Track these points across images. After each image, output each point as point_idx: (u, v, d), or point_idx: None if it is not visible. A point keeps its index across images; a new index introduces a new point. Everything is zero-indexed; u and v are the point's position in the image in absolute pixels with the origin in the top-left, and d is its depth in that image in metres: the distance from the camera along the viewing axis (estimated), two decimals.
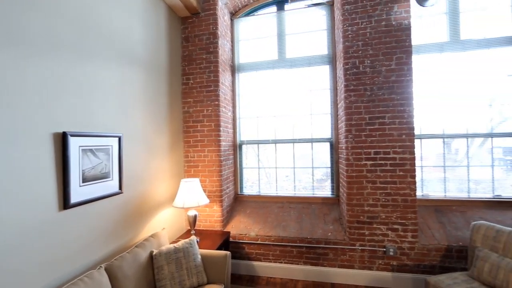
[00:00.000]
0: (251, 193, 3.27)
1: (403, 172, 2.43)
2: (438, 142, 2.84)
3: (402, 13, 2.44)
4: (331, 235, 2.61)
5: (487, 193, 2.76)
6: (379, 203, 2.48)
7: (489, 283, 1.85)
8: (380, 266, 2.50)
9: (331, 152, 3.06)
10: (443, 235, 2.46)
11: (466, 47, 2.78)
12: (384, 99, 2.46)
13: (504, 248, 1.91)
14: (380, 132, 2.47)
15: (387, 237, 2.47)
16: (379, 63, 2.49)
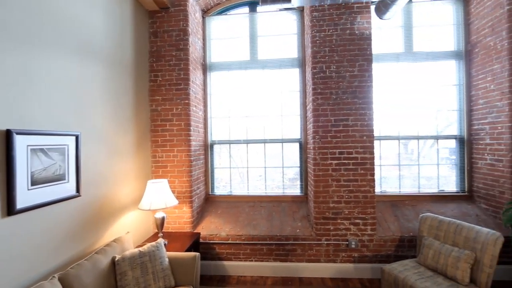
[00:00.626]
0: (223, 193, 3.25)
1: (364, 170, 2.63)
2: (395, 143, 3.12)
3: (364, 23, 2.64)
4: (300, 231, 2.72)
5: (433, 188, 3.12)
6: (342, 200, 2.65)
7: (432, 268, 2.10)
8: (343, 259, 2.67)
9: (300, 152, 3.18)
10: (397, 227, 2.71)
11: (418, 59, 3.10)
12: (348, 102, 2.64)
13: (444, 236, 2.18)
14: (344, 133, 2.64)
15: (350, 231, 2.65)
16: (343, 69, 2.65)
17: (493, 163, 2.73)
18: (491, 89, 2.74)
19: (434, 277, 2.00)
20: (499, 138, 2.66)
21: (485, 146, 2.83)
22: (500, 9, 2.62)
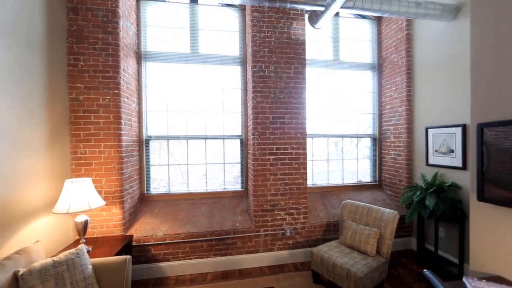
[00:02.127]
0: (160, 192, 3.07)
1: (297, 164, 2.88)
2: (324, 141, 3.52)
3: (299, 30, 2.88)
4: (239, 225, 2.80)
5: (354, 179, 3.65)
6: (279, 192, 2.84)
7: (350, 245, 2.47)
8: (280, 247, 2.87)
9: (241, 148, 3.26)
10: (325, 214, 3.07)
11: (343, 67, 3.55)
12: (285, 102, 2.84)
13: (359, 218, 2.59)
14: (281, 130, 2.83)
15: (285, 221, 2.87)
16: (281, 70, 2.84)
17: (395, 157, 3.36)
18: (394, 97, 3.37)
19: (351, 253, 2.36)
20: (399, 137, 3.30)
21: (390, 143, 3.46)
22: (401, 32, 3.24)
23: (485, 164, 1.54)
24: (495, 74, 1.56)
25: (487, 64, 1.61)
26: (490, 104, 1.58)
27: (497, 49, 1.55)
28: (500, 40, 1.53)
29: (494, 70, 1.56)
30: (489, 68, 1.59)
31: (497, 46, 1.55)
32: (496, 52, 1.55)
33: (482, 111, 1.63)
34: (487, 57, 1.61)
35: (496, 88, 1.55)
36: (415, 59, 3.12)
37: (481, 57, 1.64)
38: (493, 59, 1.57)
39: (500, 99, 1.53)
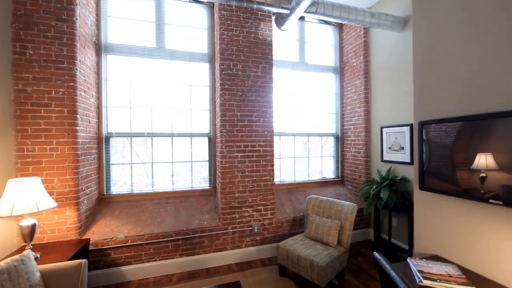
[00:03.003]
0: (122, 192, 2.90)
1: (265, 162, 2.94)
2: (291, 139, 3.65)
3: (266, 30, 2.96)
4: (207, 223, 2.77)
5: (319, 176, 3.83)
6: (247, 189, 2.88)
7: (314, 238, 2.59)
8: (248, 243, 2.90)
9: (209, 146, 3.23)
10: (292, 209, 3.18)
11: (309, 69, 3.73)
12: (252, 100, 2.89)
13: (323, 211, 2.74)
14: (249, 128, 2.88)
15: (253, 217, 2.91)
16: (249, 68, 2.89)
17: (355, 154, 3.62)
18: (354, 98, 3.63)
19: (315, 245, 2.48)
20: (359, 136, 3.56)
21: (350, 141, 3.71)
22: (359, 39, 3.51)
23: (425, 157, 1.75)
24: (433, 78, 1.78)
25: (426, 70, 1.83)
26: (429, 105, 1.80)
27: (434, 56, 1.77)
28: (436, 49, 1.75)
29: (431, 75, 1.78)
30: (428, 73, 1.81)
31: (433, 54, 1.77)
32: (433, 59, 1.77)
33: (423, 111, 1.85)
34: (426, 64, 1.83)
35: (434, 91, 1.77)
36: (372, 64, 3.40)
37: (421, 64, 1.86)
38: (431, 66, 1.79)
39: (436, 100, 1.75)
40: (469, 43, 1.53)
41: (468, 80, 1.54)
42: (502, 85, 1.36)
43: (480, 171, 1.38)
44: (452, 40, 1.64)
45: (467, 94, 1.54)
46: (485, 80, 1.44)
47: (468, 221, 1.53)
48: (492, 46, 1.41)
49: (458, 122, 1.51)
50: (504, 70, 1.35)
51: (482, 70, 1.46)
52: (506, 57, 1.34)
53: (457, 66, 1.61)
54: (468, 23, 1.54)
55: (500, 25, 1.37)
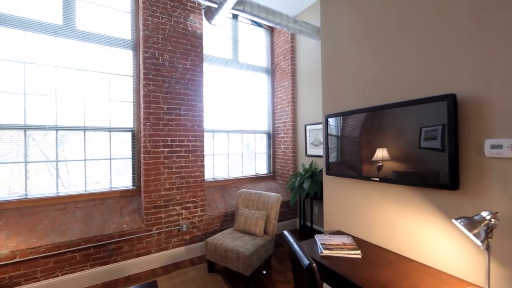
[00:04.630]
0: (11, 198, 2.34)
1: (194, 157, 2.85)
2: (224, 136, 3.65)
3: (196, 23, 2.89)
4: (127, 226, 2.49)
5: (252, 172, 3.94)
6: (174, 187, 2.72)
7: (243, 230, 2.64)
8: (175, 244, 2.74)
9: (133, 142, 2.94)
10: (224, 205, 3.17)
11: (242, 68, 3.81)
12: (181, 93, 2.77)
13: (252, 204, 2.82)
14: (177, 122, 2.74)
15: (181, 215, 2.77)
16: (177, 60, 2.76)
17: (284, 150, 3.88)
18: (283, 98, 3.89)
19: (243, 237, 2.52)
20: (287, 133, 3.83)
21: (280, 138, 3.96)
22: (287, 44, 3.80)
23: (329, 147, 2.00)
24: (335, 81, 2.05)
25: (330, 74, 2.09)
26: (333, 102, 2.07)
27: (336, 63, 2.04)
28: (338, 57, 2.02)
29: (334, 78, 2.05)
30: (332, 77, 2.08)
31: (336, 61, 2.04)
32: (336, 65, 2.04)
33: (328, 107, 2.11)
34: (330, 69, 2.09)
35: (336, 91, 2.04)
36: (298, 67, 3.73)
37: (327, 69, 2.12)
38: (334, 71, 2.06)
39: (338, 99, 2.02)
40: (363, 53, 1.82)
41: (361, 83, 1.83)
42: (386, 88, 1.67)
43: (378, 161, 1.63)
44: (350, 50, 1.92)
45: (361, 94, 1.83)
46: (375, 83, 1.74)
47: (360, 198, 1.81)
48: (379, 57, 1.72)
49: (354, 114, 1.78)
50: (387, 77, 1.66)
51: (372, 75, 1.76)
52: (391, 66, 1.65)
53: (353, 72, 1.89)
54: (362, 37, 1.83)
55: (388, 39, 1.68)
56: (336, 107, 2.04)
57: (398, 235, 1.55)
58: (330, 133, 2.01)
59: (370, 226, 1.73)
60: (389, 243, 1.61)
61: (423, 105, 1.34)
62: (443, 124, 1.24)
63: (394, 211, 1.57)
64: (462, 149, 1.24)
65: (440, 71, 1.34)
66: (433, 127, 1.29)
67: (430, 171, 1.31)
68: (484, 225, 1.01)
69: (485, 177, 1.16)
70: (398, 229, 1.55)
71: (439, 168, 1.27)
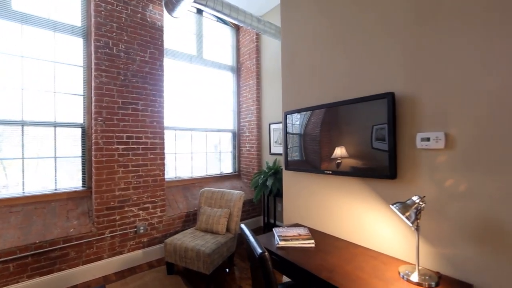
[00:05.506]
0: None
1: (153, 155, 2.71)
2: (188, 134, 3.54)
3: (156, 14, 2.76)
4: (74, 230, 2.26)
5: (217, 171, 3.89)
6: (131, 186, 2.56)
7: (205, 229, 2.58)
8: (132, 247, 2.57)
9: (84, 139, 2.68)
10: (185, 205, 3.07)
11: (207, 65, 3.75)
12: (138, 86, 2.61)
13: (214, 202, 2.78)
14: (133, 117, 2.58)
15: (139, 217, 2.61)
16: (134, 51, 2.60)
17: (249, 149, 3.91)
18: (248, 97, 3.92)
19: (204, 236, 2.47)
20: (252, 132, 3.86)
21: (245, 137, 3.98)
22: (252, 43, 3.84)
23: (288, 143, 2.07)
24: (293, 81, 2.12)
25: (289, 74, 2.17)
26: (290, 100, 2.14)
27: (294, 64, 2.12)
28: (295, 59, 2.11)
29: (292, 78, 2.13)
30: (290, 77, 2.15)
31: (293, 62, 2.12)
32: (293, 66, 2.12)
33: (286, 105, 2.19)
34: (289, 69, 2.17)
35: (291, 90, 2.12)
36: (262, 67, 3.79)
37: (286, 69, 2.20)
38: (292, 71, 2.13)
39: (294, 96, 2.10)
40: (318, 54, 1.92)
41: (318, 82, 1.92)
42: (336, 87, 1.78)
43: (333, 156, 1.71)
44: (307, 51, 2.01)
45: (317, 92, 1.92)
46: (330, 82, 1.84)
47: (315, 191, 1.90)
48: (334, 58, 1.82)
49: (310, 110, 1.86)
50: (341, 76, 1.77)
51: (327, 75, 1.86)
52: (344, 66, 1.76)
53: (310, 71, 1.98)
54: (319, 39, 1.93)
55: (340, 43, 1.79)
56: (294, 104, 2.11)
57: (347, 224, 1.66)
58: (288, 129, 2.08)
59: (324, 217, 1.83)
60: (340, 232, 1.71)
61: (369, 102, 1.46)
62: (385, 120, 1.37)
63: (344, 201, 1.69)
64: (400, 142, 1.38)
65: (384, 72, 1.47)
66: (379, 125, 1.41)
67: (374, 162, 1.43)
68: (414, 208, 1.14)
69: (417, 166, 1.30)
70: (347, 218, 1.66)
71: (382, 160, 1.39)
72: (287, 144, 2.08)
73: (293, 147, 2.03)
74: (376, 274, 1.22)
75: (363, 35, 1.59)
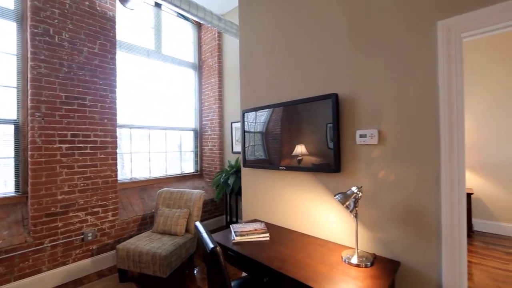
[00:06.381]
0: None
1: (104, 155, 2.52)
2: (146, 133, 3.36)
3: (107, 3, 2.57)
4: (4, 242, 1.98)
5: (178, 171, 3.76)
6: (77, 189, 2.33)
7: (162, 231, 2.48)
8: (78, 256, 2.35)
9: (17, 137, 2.36)
10: (142, 207, 2.91)
11: (166, 60, 3.60)
12: (85, 80, 2.40)
13: (173, 203, 2.69)
14: (80, 113, 2.36)
15: (86, 222, 2.39)
16: (81, 42, 2.38)
17: (211, 148, 3.86)
18: (210, 95, 3.88)
19: (162, 238, 2.37)
20: (214, 130, 3.83)
21: (207, 136, 3.93)
22: (214, 41, 3.81)
23: (246, 140, 2.12)
24: (250, 81, 2.18)
25: (246, 74, 2.22)
26: (248, 99, 2.19)
27: (250, 65, 2.17)
28: (251, 59, 2.17)
29: (249, 78, 2.18)
30: (247, 77, 2.21)
31: (250, 62, 2.17)
32: (250, 67, 2.18)
33: (244, 103, 2.24)
34: (246, 70, 2.22)
35: (249, 89, 2.18)
36: (225, 65, 3.78)
37: (244, 69, 2.24)
38: (248, 72, 2.19)
39: (251, 95, 2.16)
40: (271, 56, 2.00)
41: (274, 82, 2.00)
42: (290, 87, 1.87)
43: (298, 155, 1.78)
44: (263, 51, 2.08)
45: (273, 91, 2.00)
46: (285, 82, 1.93)
47: (271, 187, 1.98)
48: (285, 59, 1.92)
49: (264, 109, 1.93)
50: (296, 77, 1.86)
51: (279, 76, 1.94)
52: (295, 68, 1.86)
53: (264, 73, 2.05)
54: (275, 41, 2.01)
55: (290, 45, 1.89)
56: (252, 103, 2.17)
57: (300, 216, 1.77)
58: (246, 127, 2.13)
59: (280, 211, 1.91)
60: (294, 224, 1.81)
61: (318, 102, 1.57)
62: (331, 119, 1.49)
63: (297, 195, 1.79)
64: (343, 138, 1.52)
65: (331, 75, 1.60)
66: (328, 124, 1.53)
67: (323, 158, 1.55)
68: (353, 198, 1.27)
69: (357, 160, 1.45)
70: (300, 211, 1.77)
71: (329, 155, 1.51)
72: (245, 142, 2.12)
73: (250, 145, 2.08)
74: (322, 260, 1.32)
75: (314, 41, 1.71)
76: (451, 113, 1.19)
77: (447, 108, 1.20)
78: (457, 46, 1.21)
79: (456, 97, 1.20)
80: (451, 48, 1.21)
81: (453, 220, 1.19)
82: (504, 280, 2.17)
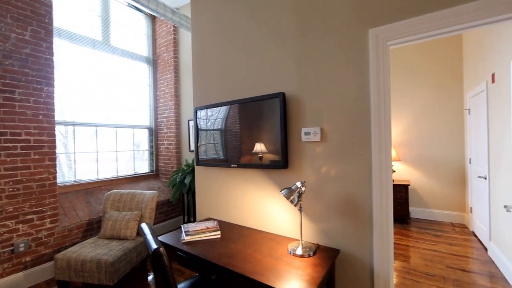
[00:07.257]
0: None
1: (39, 155, 2.24)
2: (92, 130, 3.08)
3: None
4: None
5: (131, 171, 3.53)
6: (4, 195, 2.04)
7: (110, 236, 2.32)
8: (7, 271, 2.06)
9: None
10: (87, 212, 2.67)
11: (116, 53, 3.34)
12: (14, 71, 2.10)
13: (123, 206, 2.52)
14: (7, 108, 2.06)
15: (17, 232, 2.11)
16: (7, 27, 2.07)
17: (168, 147, 3.72)
18: (166, 92, 3.72)
19: (109, 243, 2.21)
20: (171, 128, 3.69)
21: (164, 134, 3.77)
22: (170, 35, 3.65)
23: (199, 139, 2.10)
24: (201, 76, 2.16)
25: (198, 71, 2.19)
26: (200, 96, 2.17)
27: (202, 62, 2.15)
28: (203, 56, 2.14)
29: (202, 75, 2.16)
30: (199, 74, 2.18)
31: (202, 59, 2.15)
32: (202, 63, 2.15)
33: (197, 100, 2.21)
34: (198, 66, 2.19)
35: (201, 86, 2.16)
36: (181, 60, 3.66)
37: (196, 66, 2.21)
38: (201, 69, 2.16)
39: (202, 92, 2.14)
40: (222, 54, 2.00)
41: (226, 80, 2.01)
42: (242, 86, 1.90)
43: (255, 153, 1.80)
44: (213, 50, 2.07)
45: (225, 89, 2.01)
46: (232, 81, 1.95)
47: (224, 184, 2.00)
48: (236, 58, 1.94)
49: (215, 107, 1.94)
50: (241, 77, 1.89)
51: (230, 74, 1.96)
52: (246, 67, 1.89)
53: (216, 70, 2.05)
54: (223, 40, 2.01)
55: (241, 43, 1.91)
56: (204, 100, 2.15)
57: (251, 212, 1.82)
58: (199, 124, 2.10)
59: (232, 209, 1.94)
60: (246, 221, 1.86)
61: (268, 100, 1.63)
62: (279, 117, 1.57)
63: (248, 192, 1.84)
64: (290, 136, 1.60)
65: (280, 75, 1.67)
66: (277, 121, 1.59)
67: (275, 154, 1.61)
68: (297, 192, 1.35)
69: (302, 157, 1.55)
70: (251, 207, 1.82)
71: (278, 152, 1.59)
72: (198, 139, 2.09)
73: (202, 143, 2.06)
74: (270, 253, 1.39)
75: (265, 41, 1.76)
76: (380, 114, 1.35)
77: (377, 110, 1.35)
78: (385, 53, 1.36)
79: (384, 100, 1.36)
80: (379, 54, 1.36)
81: (381, 208, 1.36)
82: (431, 259, 2.53)
